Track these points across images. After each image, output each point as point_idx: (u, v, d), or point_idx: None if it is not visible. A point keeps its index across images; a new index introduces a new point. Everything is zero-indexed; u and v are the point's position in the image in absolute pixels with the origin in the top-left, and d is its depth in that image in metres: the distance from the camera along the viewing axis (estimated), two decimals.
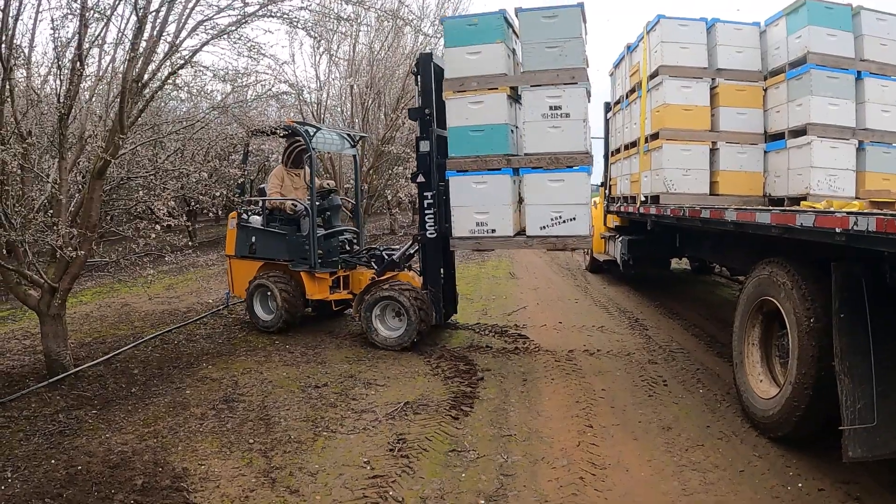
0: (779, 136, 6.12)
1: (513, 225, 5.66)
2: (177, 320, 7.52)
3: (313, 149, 6.67)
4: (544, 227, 5.51)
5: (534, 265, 12.78)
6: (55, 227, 4.63)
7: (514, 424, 4.31)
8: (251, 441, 4.04)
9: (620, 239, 8.48)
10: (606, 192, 9.50)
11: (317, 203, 6.72)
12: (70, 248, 4.57)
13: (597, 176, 9.81)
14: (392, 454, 3.85)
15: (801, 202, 5.46)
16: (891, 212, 3.16)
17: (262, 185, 7.48)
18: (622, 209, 8.23)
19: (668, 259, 8.67)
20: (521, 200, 5.85)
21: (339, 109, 13.60)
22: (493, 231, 5.69)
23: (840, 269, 3.19)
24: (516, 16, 5.57)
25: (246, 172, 7.61)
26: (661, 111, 6.41)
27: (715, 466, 3.59)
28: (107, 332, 6.87)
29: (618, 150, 8.58)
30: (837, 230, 3.06)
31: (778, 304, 3.82)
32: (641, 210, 7.06)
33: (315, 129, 6.95)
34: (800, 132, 5.76)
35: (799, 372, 3.49)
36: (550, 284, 10.22)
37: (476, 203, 5.70)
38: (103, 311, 8.16)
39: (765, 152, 6.35)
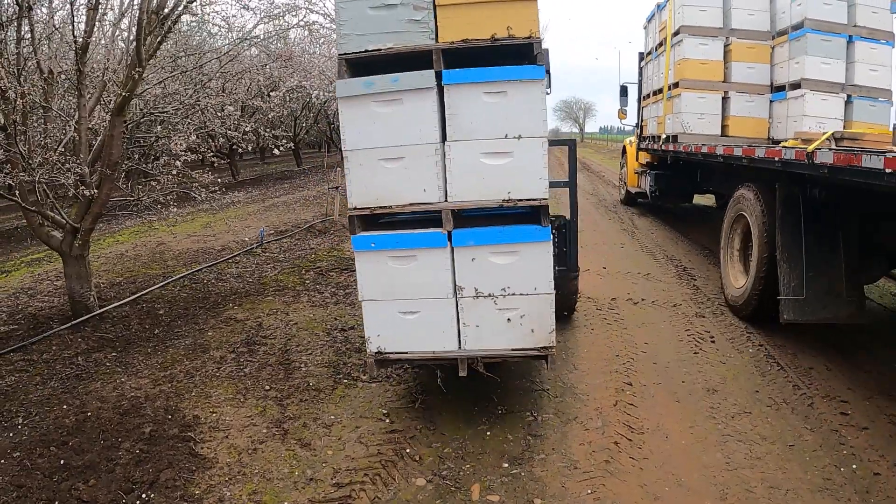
0: (781, 88, 6.95)
1: None
2: (210, 259, 7.44)
3: None
4: None
5: (580, 207, 12.09)
6: (71, 167, 4.46)
7: (548, 378, 4.01)
8: (267, 388, 3.88)
9: (649, 173, 9.52)
10: (639, 132, 10.33)
11: None
12: (84, 188, 4.39)
13: (632, 118, 11.11)
14: (413, 407, 3.62)
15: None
16: (814, 146, 3.79)
17: None
18: (650, 147, 9.17)
19: (690, 193, 9.37)
20: None
21: None
22: None
23: (782, 187, 4.31)
24: None
25: None
26: (681, 64, 7.37)
27: (762, 438, 3.20)
28: (138, 272, 6.84)
29: (648, 96, 9.48)
30: (776, 159, 4.25)
31: (747, 216, 4.92)
32: (663, 147, 8.09)
33: None
34: (796, 86, 6.61)
35: (758, 262, 4.56)
36: (596, 227, 9.70)
37: None
38: (138, 250, 8.16)
39: (770, 101, 7.21)
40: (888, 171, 2.94)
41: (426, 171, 3.04)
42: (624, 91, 11.33)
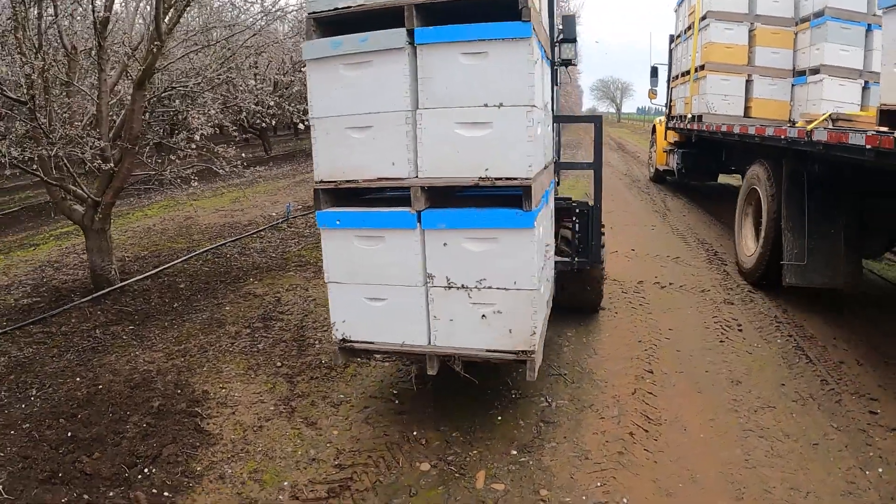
0: (803, 73, 7.17)
1: None
2: (235, 233, 7.46)
3: None
4: None
5: (612, 186, 11.93)
6: (88, 140, 4.47)
7: (567, 363, 3.89)
8: (279, 364, 3.85)
9: (676, 152, 9.83)
10: (667, 111, 10.56)
11: None
12: (101, 161, 4.40)
13: (662, 98, 11.33)
14: (425, 388, 3.53)
15: None
16: (812, 126, 4.16)
17: None
18: (677, 126, 9.53)
19: (715, 171, 9.64)
20: None
21: None
22: None
23: (788, 163, 4.67)
24: None
25: None
26: (707, 47, 7.67)
27: (785, 435, 3.02)
28: (164, 246, 6.90)
29: (677, 77, 9.75)
30: (782, 137, 4.59)
31: (758, 190, 5.28)
32: (689, 126, 8.47)
33: None
34: (816, 71, 6.81)
35: (766, 232, 4.94)
36: (626, 208, 9.44)
37: None
38: (165, 224, 8.25)
39: (792, 85, 7.41)
40: (868, 147, 3.30)
41: (396, 143, 2.67)
42: (654, 72, 11.49)
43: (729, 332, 4.32)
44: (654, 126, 12.13)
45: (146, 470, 2.73)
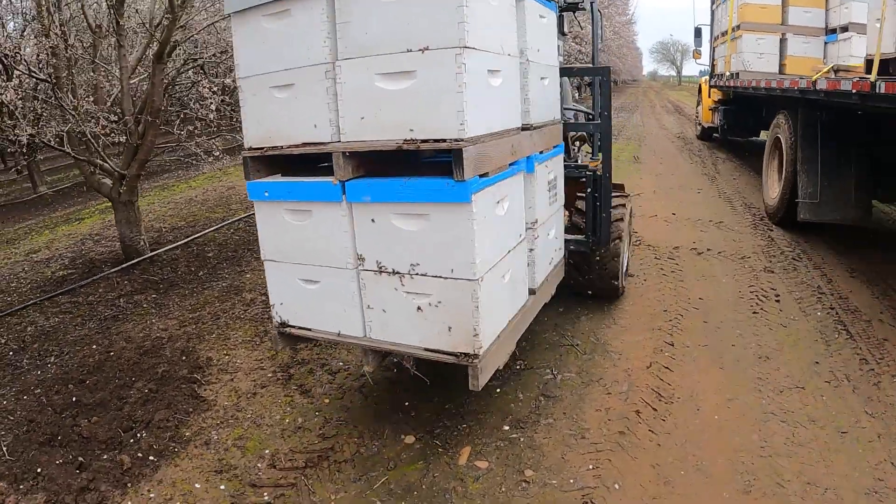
0: (834, 31, 7.32)
1: None
2: None
3: None
4: None
5: (663, 148, 11.39)
6: (103, 115, 4.57)
7: (582, 332, 3.70)
8: None
9: (720, 109, 10.30)
10: (710, 70, 10.93)
11: None
12: (116, 135, 4.49)
13: (705, 58, 11.70)
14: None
15: None
16: (816, 76, 4.50)
17: None
18: (718, 83, 9.84)
19: (754, 127, 9.93)
20: None
21: None
22: None
23: (803, 111, 5.08)
24: None
25: None
26: (743, 8, 7.99)
27: (811, 421, 2.72)
28: (202, 216, 7.06)
29: (717, 37, 10.10)
30: (796, 88, 5.01)
31: (780, 137, 5.71)
32: (727, 84, 8.82)
33: None
34: (845, 29, 6.96)
35: (786, 174, 5.40)
36: (675, 170, 8.95)
37: None
38: (207, 195, 8.43)
39: (825, 43, 7.59)
40: (854, 91, 3.80)
41: (316, 102, 2.31)
42: (698, 32, 11.67)
43: (765, 303, 3.99)
44: (700, 86, 12.37)
45: (139, 434, 2.79)
